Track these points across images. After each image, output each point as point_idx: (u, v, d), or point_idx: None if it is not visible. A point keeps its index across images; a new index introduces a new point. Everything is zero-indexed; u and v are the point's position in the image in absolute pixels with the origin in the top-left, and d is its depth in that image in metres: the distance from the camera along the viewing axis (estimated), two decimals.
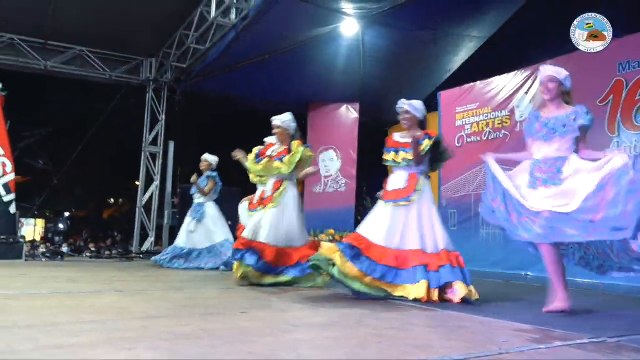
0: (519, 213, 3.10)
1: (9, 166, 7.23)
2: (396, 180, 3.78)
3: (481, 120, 6.36)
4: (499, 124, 6.13)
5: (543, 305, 3.08)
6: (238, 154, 4.85)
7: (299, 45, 8.24)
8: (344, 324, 2.57)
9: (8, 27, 8.03)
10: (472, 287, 3.44)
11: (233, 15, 7.14)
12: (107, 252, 8.84)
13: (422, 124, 3.88)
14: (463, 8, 7.60)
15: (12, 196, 7.16)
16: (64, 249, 8.63)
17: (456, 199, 6.37)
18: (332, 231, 9.43)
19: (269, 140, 4.88)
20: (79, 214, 23.15)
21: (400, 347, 2.02)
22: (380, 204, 3.76)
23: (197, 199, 6.46)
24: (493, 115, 6.20)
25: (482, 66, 7.85)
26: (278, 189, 4.41)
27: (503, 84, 6.25)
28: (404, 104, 3.87)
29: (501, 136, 6.09)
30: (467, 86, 6.64)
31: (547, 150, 3.15)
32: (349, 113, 9.66)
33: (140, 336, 2.07)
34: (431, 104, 8.34)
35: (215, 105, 10.77)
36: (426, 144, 3.71)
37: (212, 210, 6.39)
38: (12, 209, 7.16)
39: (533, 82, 6.31)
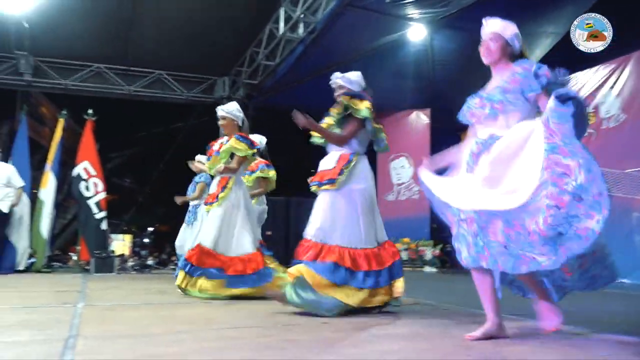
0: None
1: (100, 186, 7.80)
2: (326, 161, 3.32)
3: None
4: None
5: None
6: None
7: (367, 54, 8.25)
8: (429, 335, 2.50)
9: (96, 58, 8.72)
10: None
11: (301, 30, 7.28)
12: None
13: (361, 98, 3.32)
14: (536, 3, 7.30)
15: (103, 213, 7.71)
16: (149, 261, 9.09)
17: None
18: (407, 240, 9.27)
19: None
20: (161, 228, 24.33)
21: None
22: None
23: (193, 201, 6.19)
24: None
25: (560, 63, 7.45)
26: (224, 187, 4.11)
27: (584, 80, 5.94)
28: (336, 77, 3.38)
29: (585, 135, 5.75)
30: None
31: (493, 129, 2.38)
32: (420, 119, 9.52)
33: (228, 345, 2.13)
34: None
35: (287, 119, 10.94)
36: (343, 101, 3.22)
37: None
38: (104, 225, 7.71)
39: (619, 77, 5.93)
